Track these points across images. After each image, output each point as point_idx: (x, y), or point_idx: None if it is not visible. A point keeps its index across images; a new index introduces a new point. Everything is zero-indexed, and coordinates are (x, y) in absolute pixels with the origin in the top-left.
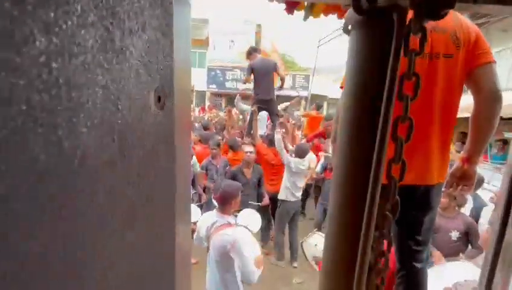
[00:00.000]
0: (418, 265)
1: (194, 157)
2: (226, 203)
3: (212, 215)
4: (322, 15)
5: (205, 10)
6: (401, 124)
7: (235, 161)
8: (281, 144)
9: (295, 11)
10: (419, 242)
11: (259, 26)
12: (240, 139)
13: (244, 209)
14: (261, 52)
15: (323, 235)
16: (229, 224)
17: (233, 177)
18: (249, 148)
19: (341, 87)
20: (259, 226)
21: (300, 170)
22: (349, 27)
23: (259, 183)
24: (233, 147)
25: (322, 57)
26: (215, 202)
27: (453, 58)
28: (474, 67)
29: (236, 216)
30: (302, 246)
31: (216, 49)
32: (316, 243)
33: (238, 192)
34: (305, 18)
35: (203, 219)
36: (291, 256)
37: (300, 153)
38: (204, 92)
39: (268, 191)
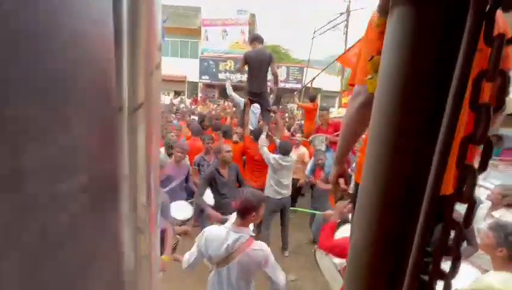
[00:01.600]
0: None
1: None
2: (248, 214)
3: (228, 231)
4: None
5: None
6: (472, 147)
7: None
8: (263, 142)
9: None
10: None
11: (253, 16)
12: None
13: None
14: (263, 43)
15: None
16: (251, 237)
17: (211, 179)
18: (227, 147)
19: (350, 85)
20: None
21: (281, 166)
22: (390, 2)
23: (238, 180)
24: (226, 134)
25: (317, 49)
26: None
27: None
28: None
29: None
30: (315, 254)
31: (209, 39)
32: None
33: (262, 203)
34: None
35: (213, 237)
36: (282, 247)
37: (283, 151)
38: (197, 83)
39: (252, 187)
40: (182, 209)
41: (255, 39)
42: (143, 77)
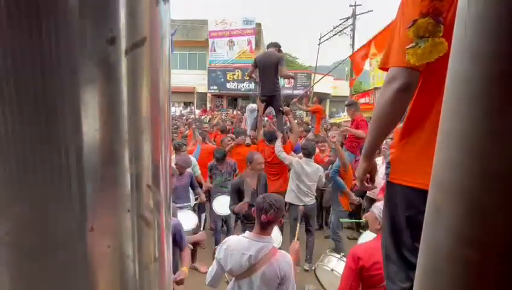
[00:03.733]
0: None
1: (194, 159)
2: (274, 223)
3: (249, 240)
4: None
5: (204, 11)
6: None
7: (237, 154)
8: (280, 148)
9: None
10: None
11: (259, 25)
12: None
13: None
14: (277, 47)
15: (339, 256)
16: (274, 247)
17: (237, 190)
18: (261, 159)
19: (382, 68)
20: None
21: (304, 171)
22: None
23: (266, 190)
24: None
25: (324, 56)
26: (217, 209)
27: None
28: None
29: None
30: (315, 272)
31: (216, 50)
32: (332, 268)
33: (283, 210)
34: None
35: (233, 248)
36: (305, 259)
37: (307, 153)
38: (205, 94)
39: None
40: (187, 220)
41: (269, 45)
42: (147, 4)
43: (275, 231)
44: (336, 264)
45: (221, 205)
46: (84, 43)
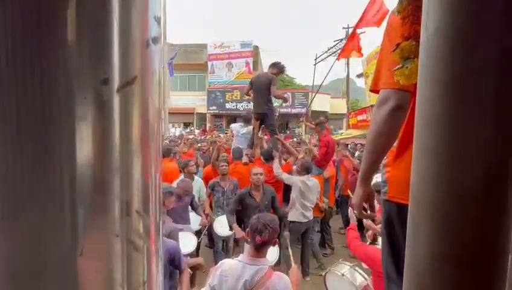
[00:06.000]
0: None
1: (200, 181)
2: (269, 244)
3: (243, 265)
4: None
5: (203, 35)
6: None
7: (233, 173)
8: (278, 169)
9: None
10: None
11: (256, 47)
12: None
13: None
14: (275, 67)
15: (352, 265)
16: (270, 268)
17: (241, 202)
18: (258, 170)
19: (373, 91)
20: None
21: (308, 188)
22: None
23: (273, 206)
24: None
25: (321, 75)
26: (218, 229)
27: None
28: None
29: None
30: (325, 279)
31: (215, 72)
32: (343, 272)
33: (278, 231)
34: None
35: (228, 273)
36: (303, 271)
37: (305, 170)
38: (205, 114)
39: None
40: (186, 242)
41: (270, 65)
42: (138, 46)
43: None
44: (347, 270)
45: (222, 224)
46: (80, 85)
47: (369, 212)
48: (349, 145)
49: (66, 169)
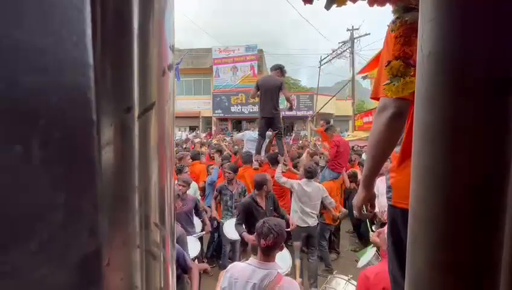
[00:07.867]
0: None
1: (194, 183)
2: (274, 248)
3: (253, 268)
4: (347, 2)
5: (208, 40)
6: None
7: (242, 178)
8: (279, 174)
9: None
10: None
11: (260, 51)
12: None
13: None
14: (277, 69)
15: (347, 278)
16: (279, 273)
17: (247, 209)
18: (269, 177)
19: (373, 98)
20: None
21: (305, 192)
22: None
23: (275, 210)
24: (245, 162)
25: (325, 77)
26: (227, 232)
27: None
28: None
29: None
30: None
31: (220, 76)
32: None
33: (285, 234)
34: (328, 6)
35: (237, 277)
36: (309, 283)
37: (308, 175)
38: (211, 118)
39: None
40: (190, 246)
41: (272, 67)
42: (156, 75)
43: (283, 253)
44: (344, 287)
45: (232, 228)
46: (107, 114)
47: (369, 212)
48: (354, 147)
49: (89, 187)
